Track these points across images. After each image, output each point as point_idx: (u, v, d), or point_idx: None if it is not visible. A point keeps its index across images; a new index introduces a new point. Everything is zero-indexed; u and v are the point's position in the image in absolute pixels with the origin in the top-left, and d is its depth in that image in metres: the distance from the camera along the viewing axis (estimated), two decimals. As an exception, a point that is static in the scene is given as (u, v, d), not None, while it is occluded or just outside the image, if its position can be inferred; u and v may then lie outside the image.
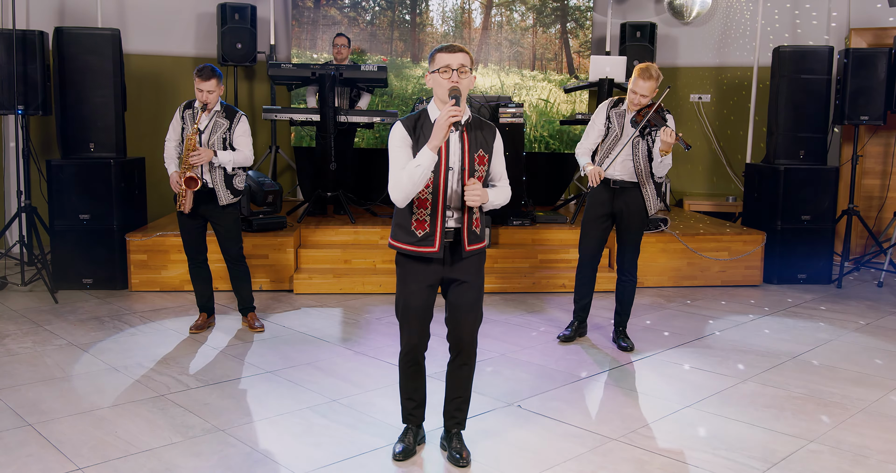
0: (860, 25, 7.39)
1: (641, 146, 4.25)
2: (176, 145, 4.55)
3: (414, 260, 2.87)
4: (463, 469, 2.92)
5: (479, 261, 2.94)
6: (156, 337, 4.59)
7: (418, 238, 2.83)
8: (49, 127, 6.76)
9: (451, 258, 2.87)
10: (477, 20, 8.14)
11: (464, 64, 2.75)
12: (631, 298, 4.50)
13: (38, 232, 5.71)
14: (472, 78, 2.80)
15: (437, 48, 2.79)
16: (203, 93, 4.40)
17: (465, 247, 2.86)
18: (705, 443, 3.18)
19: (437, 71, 2.76)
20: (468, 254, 2.87)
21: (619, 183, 4.30)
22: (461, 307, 2.90)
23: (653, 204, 4.32)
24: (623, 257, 4.42)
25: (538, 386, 3.83)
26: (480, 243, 2.93)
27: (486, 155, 2.86)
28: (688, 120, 8.25)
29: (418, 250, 2.83)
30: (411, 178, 2.68)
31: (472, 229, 2.87)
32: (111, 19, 7.19)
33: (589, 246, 4.45)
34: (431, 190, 2.81)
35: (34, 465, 2.90)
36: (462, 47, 2.78)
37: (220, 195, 4.49)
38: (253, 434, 3.20)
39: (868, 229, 6.65)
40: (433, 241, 2.82)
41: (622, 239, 4.40)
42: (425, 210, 2.81)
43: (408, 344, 2.94)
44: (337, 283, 5.75)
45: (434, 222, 2.81)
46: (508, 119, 6.32)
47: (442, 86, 2.75)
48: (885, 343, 4.67)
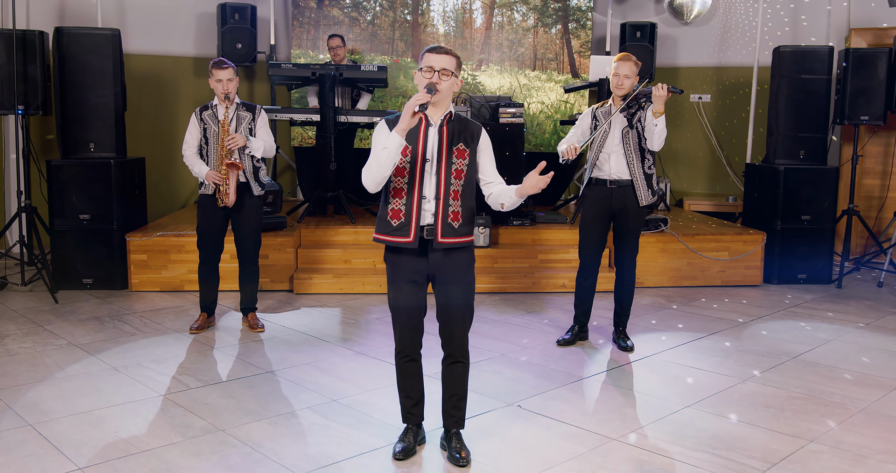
0: (860, 25, 7.39)
1: (632, 136, 4.24)
2: (196, 151, 4.55)
3: (396, 253, 2.91)
4: (463, 468, 2.93)
5: (463, 258, 2.93)
6: (156, 337, 4.59)
7: (394, 228, 2.87)
8: (49, 127, 6.76)
9: (427, 250, 2.88)
10: (478, 20, 8.14)
11: (446, 67, 2.80)
12: (630, 298, 4.50)
13: (38, 232, 5.71)
14: (458, 81, 2.85)
15: (427, 48, 2.86)
16: (223, 82, 4.43)
17: (437, 238, 2.85)
18: (705, 443, 3.18)
19: (422, 69, 2.82)
20: (439, 246, 2.86)
21: (616, 182, 4.30)
22: (449, 304, 2.93)
23: (643, 195, 4.27)
24: (622, 257, 4.42)
25: (538, 386, 3.83)
26: (458, 239, 2.89)
27: (466, 150, 2.88)
28: (688, 120, 8.25)
29: (394, 240, 2.87)
30: (378, 160, 2.74)
31: (447, 222, 2.86)
32: (111, 19, 7.19)
33: (589, 249, 4.43)
34: (407, 180, 2.84)
35: (34, 465, 2.90)
36: (449, 50, 2.83)
37: (253, 186, 4.56)
38: (253, 434, 3.20)
39: (868, 229, 6.65)
40: (408, 230, 2.85)
41: (620, 238, 4.40)
42: (400, 200, 2.86)
43: (400, 341, 2.98)
44: (337, 283, 5.75)
45: (409, 212, 2.85)
46: (508, 119, 6.32)
47: (423, 84, 2.81)
48: (885, 343, 4.67)
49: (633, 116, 4.24)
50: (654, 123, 4.10)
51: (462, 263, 2.93)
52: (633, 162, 4.25)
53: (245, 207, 4.60)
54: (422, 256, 2.89)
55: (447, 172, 2.86)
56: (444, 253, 2.88)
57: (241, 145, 4.45)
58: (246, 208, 4.61)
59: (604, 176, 4.32)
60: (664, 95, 4.04)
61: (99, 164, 5.77)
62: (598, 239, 4.42)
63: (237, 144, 4.43)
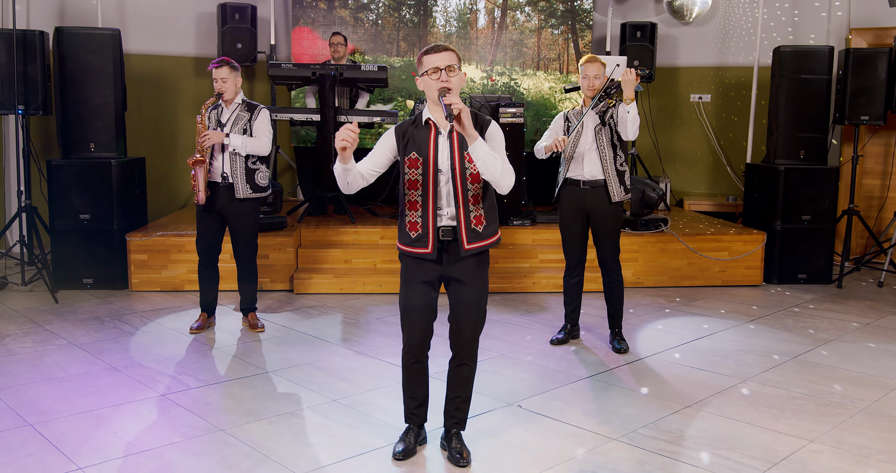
0: (860, 25, 7.39)
1: (605, 133, 4.24)
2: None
3: (412, 258, 2.90)
4: (463, 469, 2.92)
5: (479, 261, 2.92)
6: (156, 337, 4.59)
7: (412, 239, 2.86)
8: (49, 127, 6.76)
9: (449, 257, 2.87)
10: (481, 20, 8.14)
11: (451, 63, 2.75)
12: (620, 297, 4.47)
13: (38, 232, 5.72)
14: (463, 75, 2.80)
15: (422, 51, 2.80)
16: (217, 82, 4.42)
17: (463, 246, 2.85)
18: (705, 443, 3.18)
19: (426, 73, 2.76)
20: (467, 253, 2.85)
21: (589, 183, 4.28)
22: (460, 306, 2.91)
23: (615, 190, 4.26)
24: (604, 258, 4.40)
25: (538, 386, 3.83)
26: (484, 241, 2.89)
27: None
28: (688, 120, 8.26)
29: (414, 252, 2.87)
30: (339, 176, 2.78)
31: (471, 227, 2.85)
32: (111, 19, 7.19)
33: (572, 249, 4.43)
34: (421, 192, 2.82)
35: (34, 465, 2.90)
36: (447, 46, 2.78)
37: (238, 187, 4.46)
38: (253, 434, 3.20)
39: (868, 229, 6.65)
40: (426, 242, 2.84)
41: (598, 239, 4.37)
42: (416, 212, 2.84)
43: (408, 342, 2.95)
44: (337, 283, 5.75)
45: (426, 224, 2.83)
46: (508, 119, 6.32)
47: (432, 88, 2.75)
48: (885, 343, 4.67)
49: (604, 114, 4.24)
50: (627, 110, 4.08)
51: (479, 264, 2.92)
52: (605, 159, 4.25)
53: (233, 212, 4.52)
54: (439, 262, 2.88)
55: (462, 179, 2.82)
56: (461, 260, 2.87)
57: (216, 142, 4.39)
58: (237, 212, 4.52)
59: (577, 176, 4.32)
60: (633, 79, 4.03)
61: (99, 164, 5.77)
62: (579, 238, 4.41)
63: (210, 142, 4.37)
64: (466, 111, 2.64)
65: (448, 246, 2.87)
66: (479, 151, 2.69)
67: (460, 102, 2.62)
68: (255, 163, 4.53)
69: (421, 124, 2.85)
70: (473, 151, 2.69)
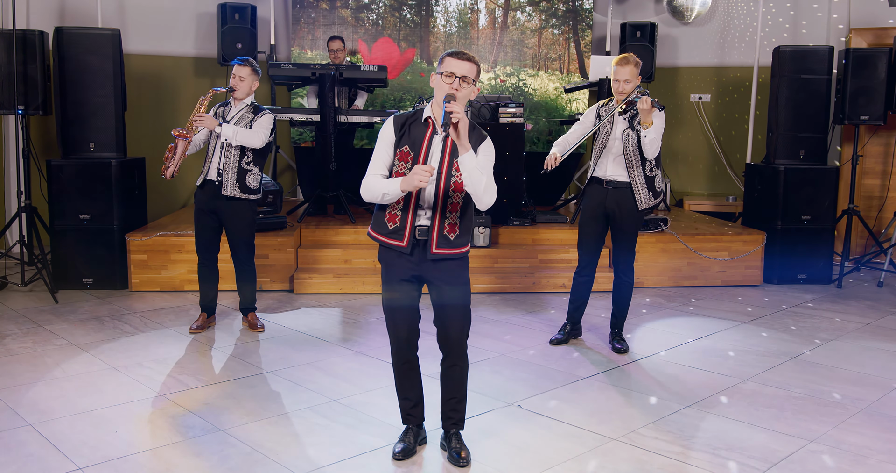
0: (860, 25, 7.39)
1: (631, 138, 4.24)
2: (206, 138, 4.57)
3: (389, 252, 2.92)
4: (463, 468, 2.93)
5: (456, 266, 2.92)
6: (156, 337, 4.59)
7: (388, 230, 2.88)
8: (49, 127, 6.76)
9: (422, 256, 2.88)
10: (482, 20, 8.14)
11: (467, 75, 2.77)
12: (627, 299, 4.47)
13: (38, 232, 5.71)
14: (475, 90, 2.83)
15: (448, 51, 2.82)
16: (235, 78, 4.45)
17: (431, 248, 2.85)
18: (705, 443, 3.18)
19: (442, 74, 2.78)
20: (434, 257, 2.86)
21: (612, 183, 4.28)
22: (444, 308, 2.93)
23: (643, 198, 4.25)
24: (618, 259, 4.41)
25: (538, 386, 3.83)
26: (452, 250, 2.88)
27: None
28: (688, 120, 8.25)
29: (388, 242, 2.89)
30: (379, 199, 2.79)
31: (443, 233, 2.85)
32: (111, 19, 7.19)
33: (588, 247, 4.43)
34: None
35: (34, 465, 2.90)
36: (472, 57, 2.79)
37: (227, 185, 4.45)
38: (253, 434, 3.20)
39: (868, 229, 6.65)
40: (402, 236, 2.86)
41: (616, 240, 4.39)
42: (398, 206, 2.87)
43: (395, 343, 2.98)
44: (337, 283, 5.75)
45: (405, 219, 2.85)
46: (508, 119, 6.32)
47: (442, 89, 2.78)
48: (885, 343, 4.67)
49: (633, 119, 4.23)
50: (644, 134, 4.10)
51: (456, 269, 2.92)
52: (632, 165, 4.23)
53: (229, 211, 4.51)
54: (413, 257, 2.89)
55: (446, 185, 2.84)
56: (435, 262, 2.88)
57: (208, 126, 4.37)
58: (231, 213, 4.51)
59: (601, 175, 4.32)
60: (647, 108, 4.03)
61: (99, 164, 5.77)
62: (595, 238, 4.41)
63: (202, 123, 4.36)
64: (465, 122, 2.67)
65: (423, 245, 2.88)
66: (467, 163, 2.72)
67: (461, 113, 2.65)
68: (249, 164, 4.50)
69: (420, 121, 2.86)
70: (462, 162, 2.72)
